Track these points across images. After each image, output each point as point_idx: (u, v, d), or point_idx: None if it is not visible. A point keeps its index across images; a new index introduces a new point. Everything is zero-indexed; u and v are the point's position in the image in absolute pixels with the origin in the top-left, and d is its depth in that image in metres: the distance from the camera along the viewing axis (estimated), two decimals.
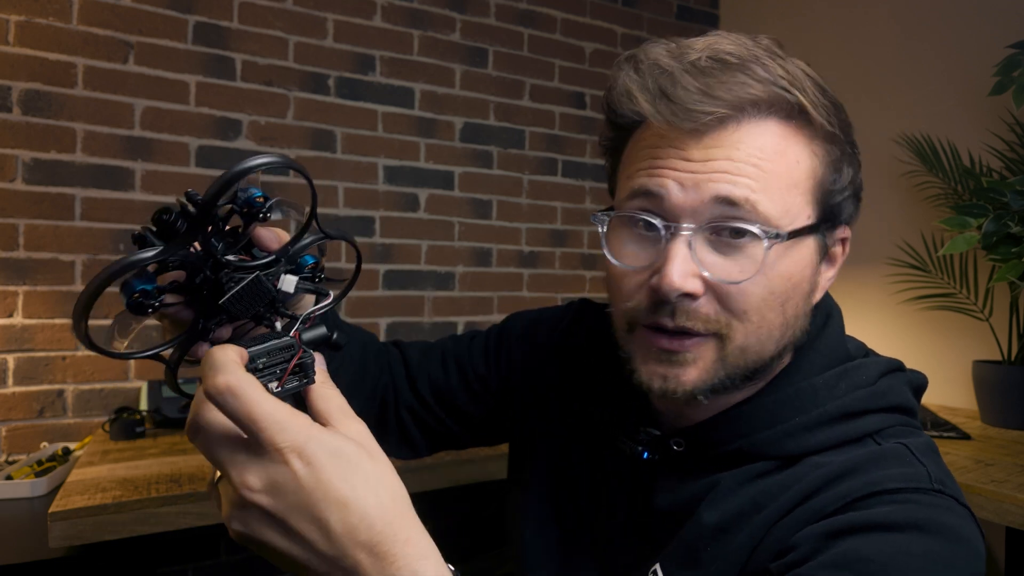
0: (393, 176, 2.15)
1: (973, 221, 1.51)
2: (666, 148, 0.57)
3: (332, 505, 0.40)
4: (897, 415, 0.62)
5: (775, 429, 0.60)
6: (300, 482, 0.40)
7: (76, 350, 1.74)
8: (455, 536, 2.18)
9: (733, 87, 0.55)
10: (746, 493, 0.59)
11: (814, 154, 0.58)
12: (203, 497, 1.15)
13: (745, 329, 0.57)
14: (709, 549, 0.58)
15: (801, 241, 0.58)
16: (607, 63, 2.53)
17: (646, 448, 0.65)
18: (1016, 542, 1.61)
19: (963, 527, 0.52)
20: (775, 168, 0.56)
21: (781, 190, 0.56)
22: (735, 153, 0.55)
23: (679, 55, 0.57)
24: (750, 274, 0.55)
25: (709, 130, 0.56)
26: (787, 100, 0.56)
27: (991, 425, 1.63)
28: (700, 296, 0.56)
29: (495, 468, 1.42)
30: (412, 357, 0.84)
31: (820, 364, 0.63)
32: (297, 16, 2.00)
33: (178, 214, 0.42)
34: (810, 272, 0.60)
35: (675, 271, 0.55)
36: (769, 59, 0.57)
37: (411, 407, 0.83)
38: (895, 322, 2.09)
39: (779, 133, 0.57)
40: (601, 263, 2.52)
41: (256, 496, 0.40)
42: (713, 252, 0.57)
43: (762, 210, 0.55)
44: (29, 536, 1.19)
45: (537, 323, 0.84)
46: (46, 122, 1.70)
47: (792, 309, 0.59)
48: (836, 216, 0.61)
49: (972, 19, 1.93)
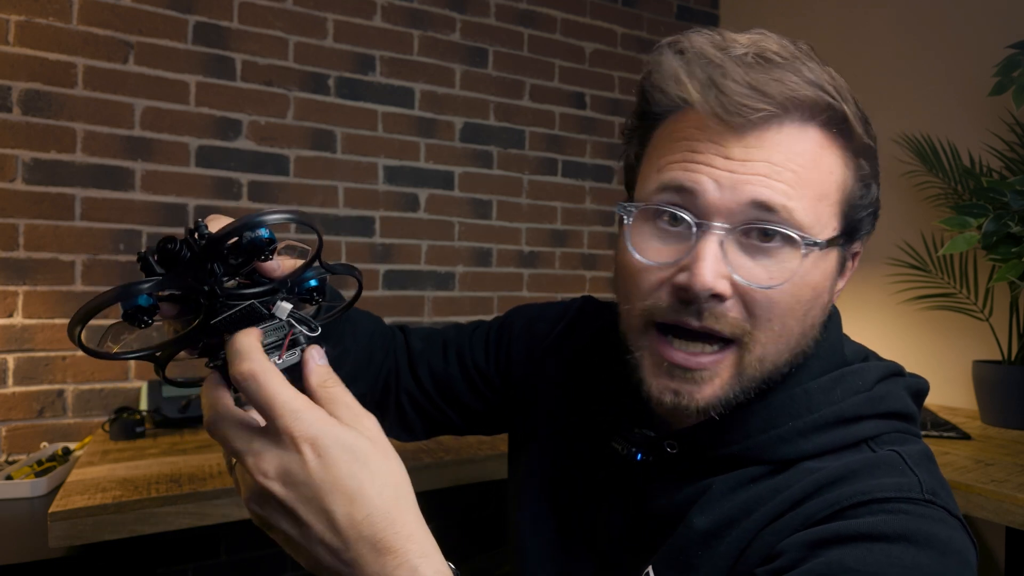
0: (393, 176, 2.15)
1: (973, 221, 1.51)
2: (705, 142, 0.55)
3: (339, 498, 0.42)
4: (894, 421, 0.61)
5: (769, 434, 0.59)
6: (310, 472, 0.42)
7: (76, 350, 1.74)
8: (455, 536, 2.18)
9: (783, 85, 0.54)
10: (738, 498, 0.58)
11: (847, 166, 0.58)
12: (203, 497, 1.15)
13: (765, 337, 0.56)
14: (700, 554, 0.58)
15: (829, 252, 0.58)
16: (607, 63, 2.53)
17: (640, 449, 0.65)
18: (1016, 542, 1.61)
19: (953, 539, 0.51)
20: (810, 176, 0.55)
21: (813, 199, 0.55)
22: (774, 156, 0.54)
23: (724, 47, 0.55)
24: (779, 280, 0.54)
25: (752, 128, 0.54)
26: (832, 106, 0.55)
27: (991, 425, 1.63)
28: (728, 299, 0.55)
29: (495, 468, 1.42)
30: (415, 344, 0.84)
31: (817, 368, 0.62)
32: (297, 16, 2.00)
33: (183, 243, 0.43)
34: (831, 283, 0.59)
35: (708, 270, 0.53)
36: (812, 62, 0.56)
37: (410, 392, 0.83)
38: (895, 322, 2.09)
39: (818, 140, 0.56)
40: (601, 263, 2.49)
41: (270, 483, 0.42)
42: (743, 255, 0.55)
43: (797, 217, 0.54)
44: (29, 536, 1.19)
45: (538, 318, 0.84)
46: (46, 122, 1.70)
47: (811, 319, 0.58)
48: (857, 231, 0.60)
49: (972, 19, 1.93)
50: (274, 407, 0.42)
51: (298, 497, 0.42)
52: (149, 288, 0.43)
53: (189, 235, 0.44)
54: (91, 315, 0.42)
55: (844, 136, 0.57)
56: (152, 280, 0.43)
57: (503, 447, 1.47)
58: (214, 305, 0.45)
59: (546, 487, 0.75)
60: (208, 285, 0.44)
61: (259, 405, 0.42)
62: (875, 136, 0.60)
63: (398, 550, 0.42)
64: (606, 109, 2.53)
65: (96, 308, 0.42)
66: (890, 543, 0.49)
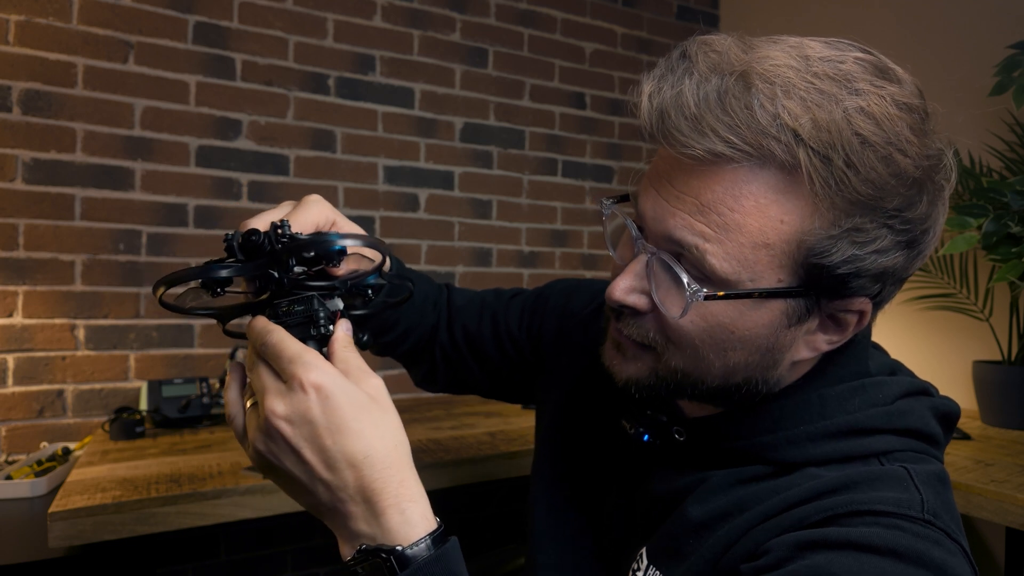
0: (393, 176, 2.15)
1: (973, 221, 1.51)
2: (664, 166, 0.56)
3: (340, 438, 0.47)
4: (912, 440, 0.58)
5: (777, 434, 0.59)
6: (314, 414, 0.47)
7: (76, 350, 1.74)
8: (456, 536, 2.17)
9: (725, 133, 0.49)
10: (735, 493, 0.59)
11: (808, 217, 0.51)
12: (203, 497, 1.15)
13: (681, 355, 0.57)
14: (691, 543, 0.59)
15: (758, 301, 0.54)
16: (607, 63, 2.53)
17: (648, 431, 0.66)
18: (1016, 542, 1.61)
19: (950, 563, 0.48)
20: (745, 222, 0.51)
21: (744, 246, 0.52)
22: (706, 195, 0.52)
23: (718, 65, 0.52)
24: (677, 313, 0.54)
25: (701, 163, 0.52)
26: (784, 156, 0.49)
27: (991, 425, 1.63)
28: (647, 313, 0.58)
29: (495, 468, 1.42)
30: (456, 301, 0.90)
31: (836, 376, 0.60)
32: (297, 16, 2.00)
33: (266, 236, 0.53)
34: (767, 331, 0.55)
35: (620, 284, 0.57)
36: (807, 98, 0.49)
37: (443, 346, 0.89)
38: (895, 322, 2.09)
39: (772, 185, 0.51)
40: (601, 263, 2.50)
41: (278, 421, 0.48)
42: (668, 278, 0.55)
43: (710, 260, 0.52)
44: (29, 536, 1.19)
45: (574, 295, 0.87)
46: (46, 122, 1.70)
47: (738, 357, 0.56)
48: (836, 288, 0.54)
49: (972, 19, 1.93)
50: (283, 354, 0.49)
51: (302, 435, 0.48)
52: (230, 273, 0.53)
53: (273, 231, 0.54)
54: (176, 283, 0.52)
55: (808, 185, 0.50)
56: (234, 266, 0.53)
57: (503, 447, 1.48)
58: (281, 292, 0.54)
59: (556, 457, 0.78)
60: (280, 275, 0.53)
61: (273, 354, 0.49)
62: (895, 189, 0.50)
63: (390, 493, 0.48)
64: (606, 109, 2.53)
65: (183, 279, 0.52)
66: (878, 555, 0.48)
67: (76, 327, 1.74)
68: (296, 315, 0.53)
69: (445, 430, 1.63)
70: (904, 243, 0.53)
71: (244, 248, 0.53)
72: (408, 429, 1.67)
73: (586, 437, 0.76)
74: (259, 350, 0.51)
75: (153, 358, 1.83)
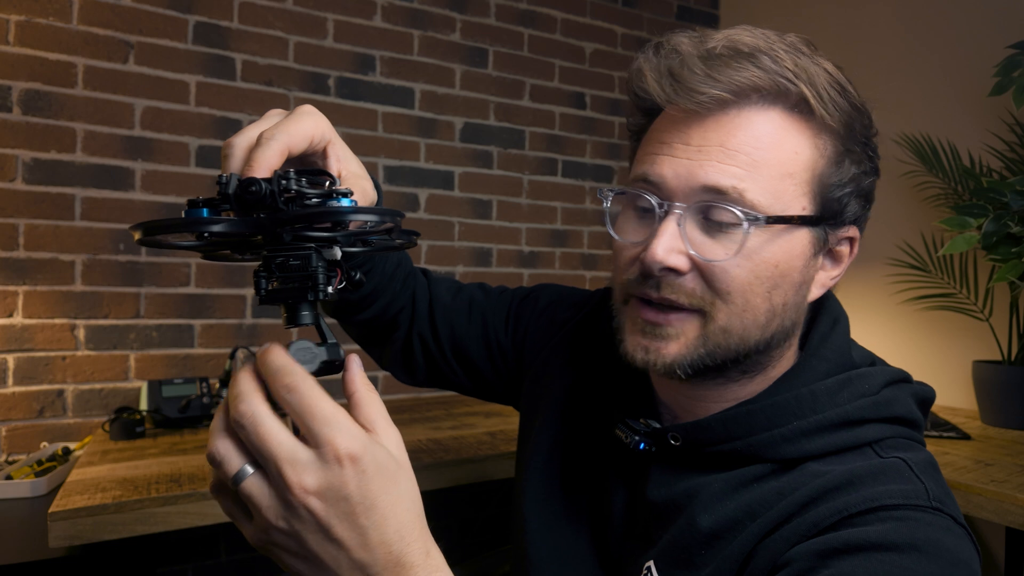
0: (393, 176, 2.15)
1: (973, 221, 1.51)
2: (672, 132, 0.60)
3: (375, 515, 0.42)
4: (899, 426, 0.62)
5: (772, 432, 0.60)
6: (350, 489, 0.41)
7: (76, 350, 1.74)
8: (455, 536, 2.18)
9: (738, 72, 0.56)
10: (741, 498, 0.59)
11: (816, 147, 0.59)
12: (203, 497, 1.15)
13: (729, 310, 0.58)
14: (704, 553, 0.59)
15: (792, 230, 0.59)
16: (607, 63, 2.53)
17: (643, 439, 0.66)
18: (1016, 542, 1.61)
19: (961, 549, 0.52)
20: (769, 156, 0.57)
21: (773, 178, 0.58)
22: (730, 140, 0.57)
23: (699, 42, 0.59)
24: (731, 255, 0.57)
25: (710, 113, 0.58)
26: (789, 90, 0.57)
27: (991, 425, 1.63)
28: (686, 272, 0.58)
29: (495, 468, 1.42)
30: (440, 294, 0.87)
31: (823, 370, 0.63)
32: (297, 16, 2.00)
33: (269, 190, 0.47)
34: (801, 263, 0.60)
35: (659, 246, 0.57)
36: (786, 53, 0.58)
37: (424, 338, 0.86)
38: (895, 322, 2.09)
39: (780, 123, 0.58)
40: (601, 263, 2.51)
41: (308, 498, 0.41)
42: (702, 232, 0.58)
43: (749, 197, 0.57)
44: (29, 536, 1.19)
45: (561, 302, 0.86)
46: (46, 122, 1.70)
47: (780, 297, 0.60)
48: (839, 213, 0.61)
49: (972, 19, 1.93)
50: (317, 414, 0.42)
51: (336, 513, 0.42)
52: (224, 228, 0.45)
53: (277, 183, 0.47)
54: (157, 232, 0.46)
55: (810, 118, 0.59)
56: (229, 221, 0.46)
57: (503, 447, 1.48)
58: (277, 241, 0.48)
59: (550, 468, 0.77)
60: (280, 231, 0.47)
61: (301, 411, 0.42)
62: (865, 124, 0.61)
63: (418, 565, 0.44)
64: (606, 109, 2.53)
65: (171, 229, 0.45)
66: (900, 553, 0.49)
67: (76, 327, 1.74)
68: (291, 271, 0.47)
69: (445, 430, 1.63)
70: (874, 168, 0.63)
71: (240, 200, 0.47)
72: (408, 429, 1.68)
73: (580, 450, 0.75)
74: (278, 396, 0.43)
75: (153, 358, 1.83)
